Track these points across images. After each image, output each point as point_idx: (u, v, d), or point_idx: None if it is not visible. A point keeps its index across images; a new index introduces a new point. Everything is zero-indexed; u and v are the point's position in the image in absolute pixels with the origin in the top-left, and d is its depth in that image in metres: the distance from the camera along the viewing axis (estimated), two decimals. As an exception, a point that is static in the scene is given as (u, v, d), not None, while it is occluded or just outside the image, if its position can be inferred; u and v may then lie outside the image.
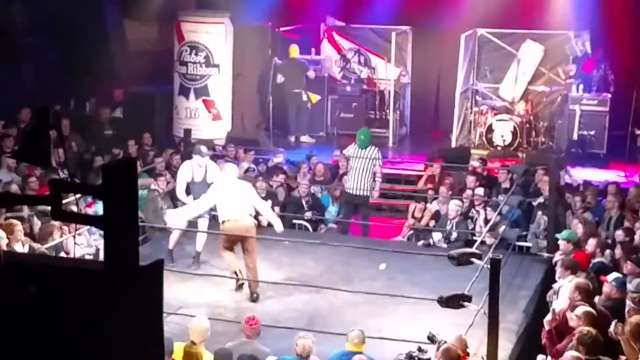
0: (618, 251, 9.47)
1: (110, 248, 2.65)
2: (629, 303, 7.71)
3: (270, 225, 10.22)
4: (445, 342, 7.01)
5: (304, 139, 16.20)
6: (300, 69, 16.01)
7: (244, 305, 9.43)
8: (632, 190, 11.93)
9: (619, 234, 10.01)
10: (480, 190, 12.19)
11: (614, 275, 8.51)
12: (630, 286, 8.28)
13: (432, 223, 12.02)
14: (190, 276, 9.90)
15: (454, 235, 11.52)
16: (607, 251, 9.59)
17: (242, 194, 9.92)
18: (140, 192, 11.33)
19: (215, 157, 13.67)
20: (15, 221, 9.20)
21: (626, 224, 10.45)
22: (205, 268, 10.39)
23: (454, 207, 11.63)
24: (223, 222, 9.88)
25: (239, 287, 9.83)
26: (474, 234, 11.38)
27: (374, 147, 12.15)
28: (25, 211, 10.09)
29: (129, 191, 2.71)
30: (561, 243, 10.02)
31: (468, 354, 7.16)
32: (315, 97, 16.07)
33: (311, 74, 16.04)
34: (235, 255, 9.88)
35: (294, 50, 16.01)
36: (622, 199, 11.41)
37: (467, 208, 12.00)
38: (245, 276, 9.76)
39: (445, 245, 11.25)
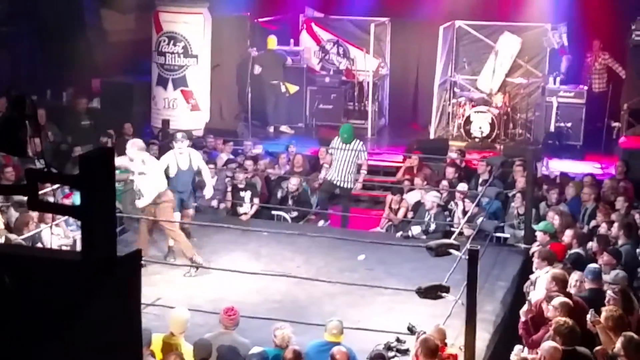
0: (594, 243, 9.54)
1: (87, 238, 2.64)
2: (609, 293, 7.76)
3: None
4: (424, 332, 7.04)
5: (283, 129, 16.19)
6: (278, 59, 15.98)
7: (222, 296, 9.40)
8: (606, 182, 12.02)
9: (600, 226, 10.05)
10: (461, 185, 12.24)
11: (591, 266, 8.57)
12: (607, 277, 8.35)
13: (410, 214, 12.04)
14: (167, 267, 9.87)
15: (432, 226, 11.55)
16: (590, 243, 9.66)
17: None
18: (117, 184, 11.27)
19: (194, 147, 13.65)
20: None
21: (599, 215, 10.52)
22: (184, 258, 10.35)
23: (431, 198, 11.66)
24: (169, 199, 10.04)
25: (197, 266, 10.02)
26: (452, 225, 11.43)
27: (357, 140, 12.17)
28: (0, 202, 10.02)
29: (106, 181, 2.70)
30: (538, 234, 10.08)
31: (446, 344, 7.19)
32: (293, 88, 16.05)
33: (289, 62, 16.05)
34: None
35: (272, 42, 15.98)
36: (598, 191, 11.49)
37: (446, 200, 12.04)
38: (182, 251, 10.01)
39: (424, 237, 11.28)
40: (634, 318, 7.57)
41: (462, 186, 12.21)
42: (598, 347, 6.97)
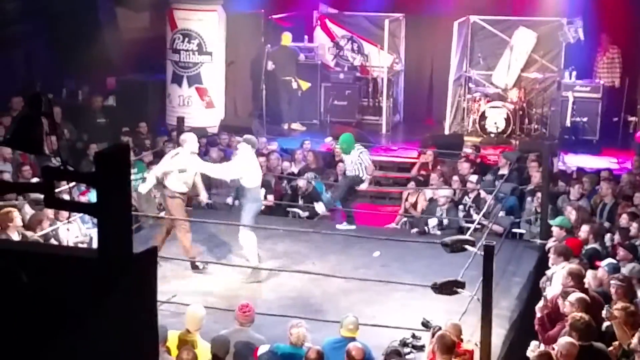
0: (616, 237, 9.48)
1: (103, 235, 2.65)
2: (613, 282, 7.73)
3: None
4: (440, 328, 7.03)
5: (295, 126, 16.17)
6: (291, 56, 15.98)
7: (237, 293, 9.42)
8: (624, 176, 11.95)
9: (623, 220, 9.99)
10: (473, 178, 12.20)
11: (607, 261, 8.54)
12: (624, 270, 8.31)
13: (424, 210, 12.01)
14: (184, 264, 9.89)
15: (445, 222, 11.53)
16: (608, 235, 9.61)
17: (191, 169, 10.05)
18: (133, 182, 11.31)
19: (209, 145, 13.69)
20: (13, 209, 9.21)
21: (620, 210, 10.45)
22: (199, 256, 10.36)
23: (444, 193, 11.64)
24: (182, 193, 9.98)
25: (196, 267, 9.99)
26: (467, 221, 11.39)
27: (357, 148, 11.60)
28: (14, 201, 10.06)
29: (122, 178, 2.71)
30: (554, 230, 10.04)
31: (462, 340, 7.18)
32: (305, 84, 16.04)
33: (301, 57, 16.02)
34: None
35: (287, 38, 15.97)
36: (615, 186, 11.42)
37: (461, 195, 12.02)
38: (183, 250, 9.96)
39: (438, 233, 11.25)
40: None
41: (473, 177, 12.15)
42: (615, 343, 6.95)
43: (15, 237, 8.90)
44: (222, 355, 6.90)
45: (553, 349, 6.91)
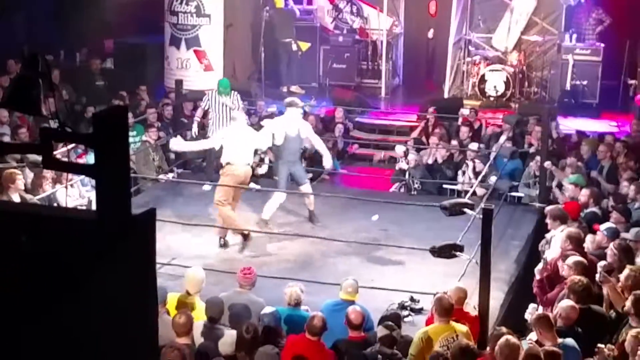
0: (610, 201, 9.48)
1: (101, 196, 2.63)
2: (610, 247, 7.73)
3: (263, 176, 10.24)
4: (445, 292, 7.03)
5: (294, 89, 16.10)
6: (287, 17, 15.89)
7: (237, 256, 9.45)
8: (622, 140, 11.91)
9: (624, 184, 9.97)
10: (472, 144, 12.19)
11: (607, 224, 8.54)
12: (629, 235, 8.31)
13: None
14: (183, 227, 9.89)
15: (417, 184, 11.61)
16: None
17: (247, 141, 9.93)
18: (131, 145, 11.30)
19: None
20: (16, 171, 9.23)
21: (623, 174, 10.42)
22: (199, 219, 10.37)
23: (412, 156, 11.71)
24: (227, 163, 9.90)
25: (225, 244, 9.86)
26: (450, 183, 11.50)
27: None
28: (14, 163, 10.05)
29: (120, 139, 2.69)
30: (569, 187, 10.00)
31: (467, 304, 7.20)
32: (305, 45, 15.95)
33: (298, 15, 15.97)
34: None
35: (279, 0, 15.87)
36: (612, 149, 11.37)
37: (460, 158, 12.02)
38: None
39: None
40: None
41: (474, 145, 12.15)
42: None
43: (16, 198, 8.92)
44: (217, 316, 6.91)
45: (552, 311, 6.94)
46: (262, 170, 12.01)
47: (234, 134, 9.93)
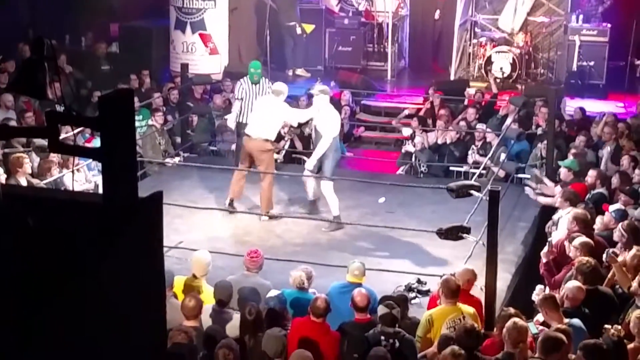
0: (615, 180, 9.45)
1: (108, 179, 2.64)
2: (619, 228, 7.72)
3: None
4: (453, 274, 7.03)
5: (300, 72, 16.07)
6: (291, 0, 15.84)
7: (245, 239, 9.46)
8: (629, 120, 11.87)
9: (624, 164, 9.95)
10: (479, 125, 12.17)
11: (616, 206, 8.53)
12: (637, 213, 8.30)
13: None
14: (190, 211, 9.89)
15: (423, 167, 11.60)
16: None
17: (270, 114, 9.92)
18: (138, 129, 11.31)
19: (212, 92, 13.63)
20: (24, 155, 9.26)
21: (624, 153, 10.39)
22: (206, 202, 10.39)
23: (419, 139, 11.74)
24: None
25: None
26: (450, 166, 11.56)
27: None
28: (20, 148, 10.07)
29: (127, 122, 2.69)
30: (562, 171, 10.00)
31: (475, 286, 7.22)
32: (309, 27, 15.90)
33: None
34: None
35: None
36: (616, 129, 11.33)
37: (467, 139, 12.02)
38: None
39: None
40: None
41: (481, 127, 12.12)
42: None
43: (24, 183, 8.96)
44: (226, 299, 6.93)
45: (559, 293, 6.95)
46: (279, 156, 11.94)
47: (262, 106, 10.04)
